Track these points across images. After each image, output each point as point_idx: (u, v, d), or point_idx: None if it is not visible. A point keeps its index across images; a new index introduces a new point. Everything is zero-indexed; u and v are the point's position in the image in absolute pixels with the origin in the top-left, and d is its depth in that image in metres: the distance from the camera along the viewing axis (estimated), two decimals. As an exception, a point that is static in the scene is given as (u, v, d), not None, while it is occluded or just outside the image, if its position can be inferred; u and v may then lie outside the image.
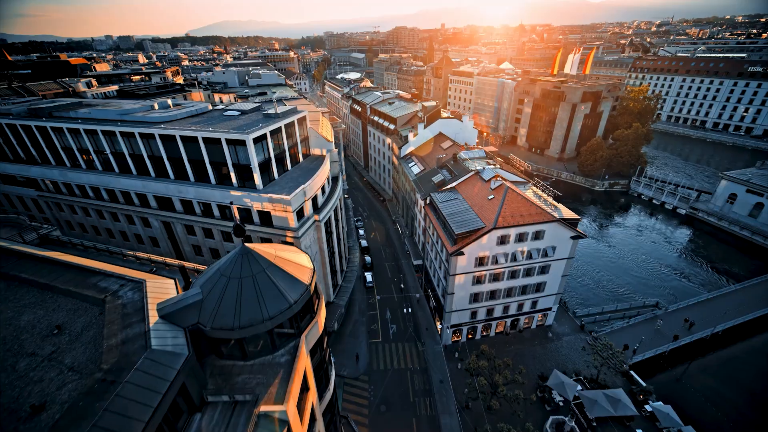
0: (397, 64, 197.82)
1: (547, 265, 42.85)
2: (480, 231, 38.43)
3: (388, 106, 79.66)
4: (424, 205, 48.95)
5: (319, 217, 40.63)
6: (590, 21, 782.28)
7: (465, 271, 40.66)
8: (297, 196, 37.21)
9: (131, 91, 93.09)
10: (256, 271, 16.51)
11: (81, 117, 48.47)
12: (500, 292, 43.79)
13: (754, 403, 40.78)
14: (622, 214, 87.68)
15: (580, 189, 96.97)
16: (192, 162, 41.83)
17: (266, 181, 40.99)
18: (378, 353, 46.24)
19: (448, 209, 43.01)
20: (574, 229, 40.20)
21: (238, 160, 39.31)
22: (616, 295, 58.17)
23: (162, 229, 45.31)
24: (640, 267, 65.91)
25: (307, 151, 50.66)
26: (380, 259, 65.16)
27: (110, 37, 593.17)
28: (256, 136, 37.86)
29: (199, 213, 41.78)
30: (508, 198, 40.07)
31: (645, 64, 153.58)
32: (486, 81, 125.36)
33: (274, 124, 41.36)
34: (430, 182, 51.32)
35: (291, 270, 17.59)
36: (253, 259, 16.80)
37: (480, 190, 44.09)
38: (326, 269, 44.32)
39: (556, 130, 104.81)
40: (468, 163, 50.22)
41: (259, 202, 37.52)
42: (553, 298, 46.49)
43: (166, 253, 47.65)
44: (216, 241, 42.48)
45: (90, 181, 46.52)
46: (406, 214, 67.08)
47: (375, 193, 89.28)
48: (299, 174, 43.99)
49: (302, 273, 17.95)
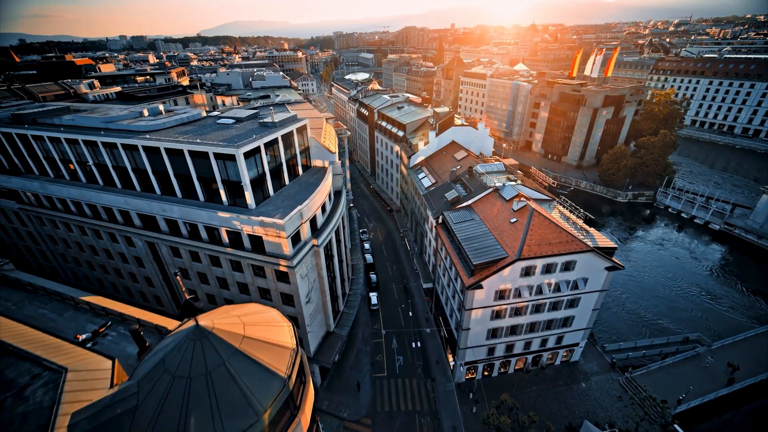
0: (406, 65, 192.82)
1: (576, 298, 37.56)
2: (502, 262, 33.35)
3: (397, 111, 74.83)
4: (436, 224, 44.00)
5: (318, 241, 35.98)
6: (603, 21, 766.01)
7: (483, 305, 35.64)
8: (292, 220, 32.61)
9: (131, 93, 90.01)
10: (212, 366, 11.89)
11: (64, 125, 44.71)
12: (522, 327, 38.64)
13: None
14: (645, 227, 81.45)
15: (600, 199, 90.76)
16: (179, 177, 37.59)
17: (260, 199, 36.55)
18: (383, 390, 41.43)
19: (463, 232, 38.00)
20: (609, 259, 34.86)
21: (227, 176, 34.91)
22: (642, 320, 52.55)
23: (147, 249, 41.19)
24: (665, 287, 60.08)
25: (307, 163, 46.16)
26: (386, 277, 60.36)
27: (124, 37, 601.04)
28: (247, 150, 33.39)
29: (185, 234, 37.49)
30: (534, 222, 34.92)
31: (668, 66, 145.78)
32: (499, 83, 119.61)
33: (269, 134, 36.90)
34: (442, 198, 46.34)
35: (264, 356, 12.92)
36: (210, 346, 12.17)
37: (500, 211, 38.97)
38: (326, 297, 39.68)
39: (575, 136, 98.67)
40: (485, 178, 45.10)
41: (250, 225, 33.03)
42: (582, 333, 41.13)
43: (151, 274, 43.62)
44: (203, 265, 38.15)
45: (71, 195, 42.64)
46: (414, 229, 62.16)
47: (381, 202, 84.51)
48: (297, 190, 39.47)
49: (280, 359, 13.26)
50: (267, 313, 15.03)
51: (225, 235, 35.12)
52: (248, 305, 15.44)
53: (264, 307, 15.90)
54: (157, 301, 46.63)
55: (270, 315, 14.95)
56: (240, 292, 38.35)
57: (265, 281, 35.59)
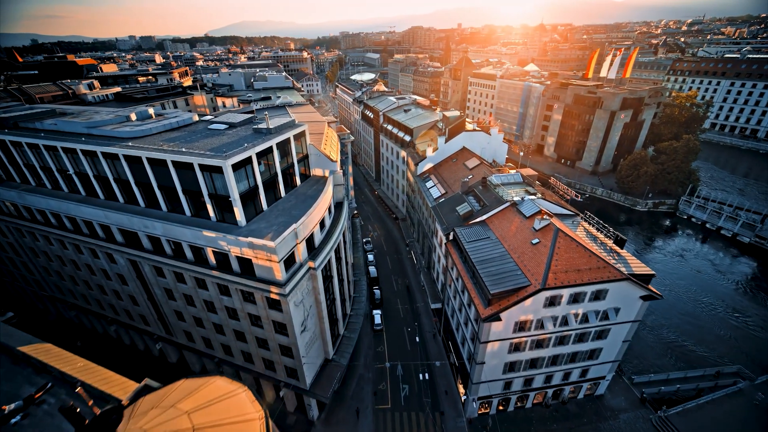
0: (412, 65, 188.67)
1: (606, 329, 33.30)
2: (523, 291, 29.24)
3: (404, 114, 70.83)
4: (447, 241, 39.94)
5: (316, 264, 32.14)
6: (611, 20, 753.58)
7: (500, 337, 31.54)
8: (285, 241, 28.81)
9: (129, 94, 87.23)
10: None
11: (45, 130, 41.49)
12: (543, 360, 34.46)
13: None
14: (664, 237, 76.64)
15: (617, 207, 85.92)
16: (163, 189, 34.01)
17: (251, 214, 32.86)
18: (386, 426, 37.46)
19: (478, 254, 33.92)
20: (645, 288, 30.56)
21: (215, 190, 31.24)
22: (667, 342, 48.13)
23: (129, 267, 37.70)
24: (688, 302, 55.77)
25: (306, 172, 42.43)
26: (391, 292, 56.40)
27: (133, 38, 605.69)
28: (236, 161, 29.67)
29: (169, 253, 33.91)
30: (559, 245, 30.74)
31: (686, 66, 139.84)
32: (510, 84, 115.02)
33: (263, 143, 33.19)
34: (453, 212, 42.26)
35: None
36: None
37: (519, 229, 34.81)
38: (324, 324, 35.84)
39: (591, 140, 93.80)
40: (501, 190, 40.92)
41: (238, 246, 29.31)
42: (609, 365, 36.80)
43: (136, 293, 40.13)
44: (189, 287, 34.53)
45: (49, 206, 39.33)
46: (422, 240, 58.13)
47: (386, 209, 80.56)
48: (294, 203, 35.74)
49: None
50: (232, 397, 11.19)
51: (211, 255, 31.46)
52: (208, 385, 11.58)
53: (230, 384, 12.00)
54: (143, 320, 43.19)
55: (236, 402, 11.10)
56: (229, 317, 34.68)
57: (256, 308, 31.87)
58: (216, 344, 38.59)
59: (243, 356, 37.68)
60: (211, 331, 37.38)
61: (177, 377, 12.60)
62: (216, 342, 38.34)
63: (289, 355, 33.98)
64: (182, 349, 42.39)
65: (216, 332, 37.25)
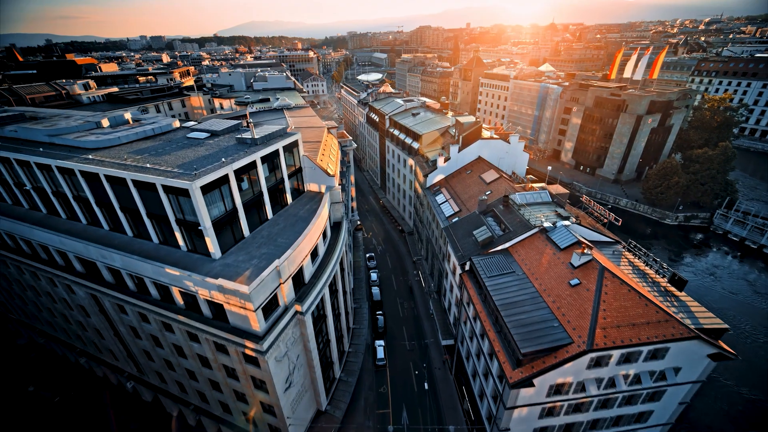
0: (421, 65, 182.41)
1: (661, 390, 27.02)
2: (563, 351, 23.11)
3: (412, 119, 64.87)
4: (462, 272, 33.92)
5: (304, 307, 26.38)
6: (621, 20, 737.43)
7: (530, 402, 25.46)
8: (264, 284, 23.08)
9: (121, 95, 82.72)
10: None
11: (4, 137, 36.53)
12: (581, 425, 28.28)
13: None
14: (694, 254, 69.76)
15: (643, 220, 78.79)
16: (126, 211, 28.66)
17: (228, 243, 27.27)
18: (388, 493, 31.62)
19: (502, 294, 27.86)
20: (717, 345, 24.20)
21: (183, 215, 25.70)
22: (710, 377, 41.52)
23: (90, 300, 32.40)
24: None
25: (300, 186, 36.79)
26: (396, 318, 50.45)
27: (144, 38, 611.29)
28: (207, 182, 24.08)
29: (132, 288, 28.48)
30: (607, 289, 24.54)
31: (712, 67, 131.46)
32: (525, 85, 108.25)
33: (244, 157, 27.61)
34: (469, 236, 36.20)
35: None
36: None
37: (553, 264, 28.65)
38: (315, 372, 30.10)
39: (614, 146, 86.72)
40: (526, 211, 34.74)
41: (206, 289, 23.71)
42: (659, 429, 30.46)
43: (101, 327, 34.80)
44: (154, 328, 29.04)
45: (2, 226, 34.24)
46: (431, 260, 52.13)
47: (392, 220, 74.64)
48: (283, 227, 30.13)
49: None
50: None
51: (178, 295, 25.90)
52: None
53: None
54: (113, 355, 37.92)
55: None
56: (201, 365, 29.13)
57: (230, 359, 26.23)
58: (190, 390, 33.11)
59: (221, 406, 32.13)
60: (184, 377, 31.91)
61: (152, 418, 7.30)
62: (190, 388, 32.86)
63: (271, 413, 28.31)
64: (155, 390, 37.01)
65: (189, 378, 31.78)
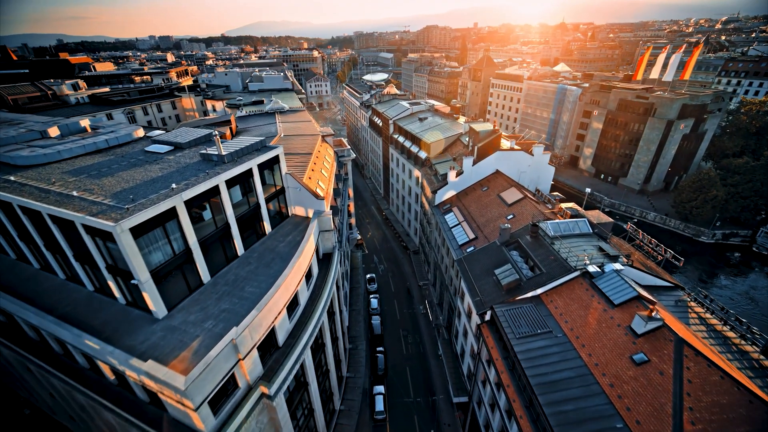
0: (428, 65, 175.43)
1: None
2: (636, 472, 16.26)
3: (419, 124, 58.14)
4: (481, 323, 27.12)
5: (272, 389, 19.74)
6: (631, 19, 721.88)
7: None
8: (210, 371, 16.44)
9: (105, 97, 77.14)
10: None
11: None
12: None
13: None
14: (729, 274, 62.75)
15: (674, 237, 71.10)
16: (53, 250, 22.41)
17: (181, 293, 20.81)
18: None
19: (537, 367, 21.03)
20: None
21: (114, 261, 19.32)
22: None
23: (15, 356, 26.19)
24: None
25: (284, 209, 30.35)
26: (399, 356, 43.65)
27: (153, 38, 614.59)
28: (138, 222, 17.62)
29: (58, 350, 22.21)
30: (691, 375, 17.62)
31: (741, 67, 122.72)
32: (540, 86, 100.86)
33: (204, 180, 21.15)
34: (489, 275, 29.37)
35: None
36: None
37: (604, 326, 21.74)
38: (293, 458, 23.54)
39: (640, 153, 79.10)
40: (561, 245, 27.78)
41: (134, 372, 17.23)
42: None
43: (32, 381, 28.54)
44: (85, 403, 22.69)
45: None
46: (439, 290, 45.36)
47: (395, 235, 67.91)
48: (254, 268, 23.66)
49: None
50: None
51: (107, 370, 19.53)
52: None
53: None
54: (53, 411, 31.75)
55: None
56: (147, 449, 22.76)
57: (176, 456, 19.78)
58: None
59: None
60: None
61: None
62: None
63: None
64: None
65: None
